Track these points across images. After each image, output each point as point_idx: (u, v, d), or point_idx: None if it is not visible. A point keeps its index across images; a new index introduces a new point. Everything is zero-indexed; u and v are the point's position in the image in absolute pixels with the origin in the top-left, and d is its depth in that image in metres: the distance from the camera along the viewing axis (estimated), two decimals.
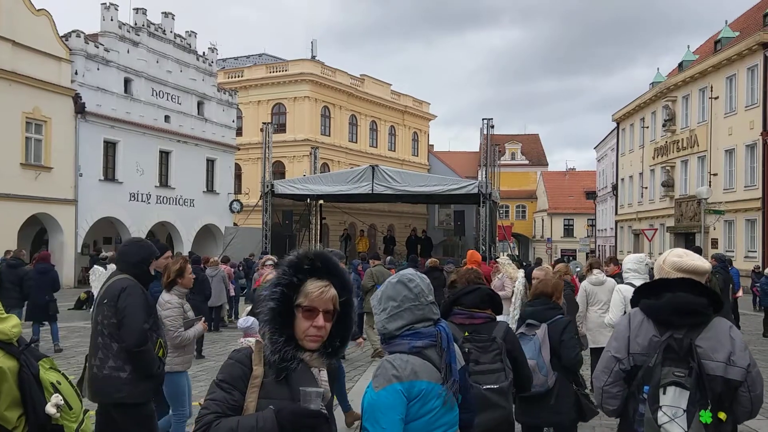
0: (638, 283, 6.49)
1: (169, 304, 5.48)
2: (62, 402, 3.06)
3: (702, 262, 3.02)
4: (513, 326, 12.54)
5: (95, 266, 15.46)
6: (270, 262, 13.15)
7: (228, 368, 2.20)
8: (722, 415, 2.71)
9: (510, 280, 11.44)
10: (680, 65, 37.14)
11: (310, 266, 2.23)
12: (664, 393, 2.78)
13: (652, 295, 2.96)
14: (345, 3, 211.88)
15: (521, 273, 12.69)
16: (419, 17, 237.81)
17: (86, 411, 3.25)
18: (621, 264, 9.29)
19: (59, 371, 3.24)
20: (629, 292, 6.38)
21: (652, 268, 4.53)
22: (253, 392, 2.14)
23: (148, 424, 4.35)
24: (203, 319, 5.94)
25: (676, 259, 3.06)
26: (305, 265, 2.23)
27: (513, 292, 11.48)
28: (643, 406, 2.86)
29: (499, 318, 12.16)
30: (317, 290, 2.20)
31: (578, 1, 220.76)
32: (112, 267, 14.89)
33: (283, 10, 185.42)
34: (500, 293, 11.11)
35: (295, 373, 2.17)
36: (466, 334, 3.64)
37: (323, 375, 2.31)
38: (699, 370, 2.73)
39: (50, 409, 3.02)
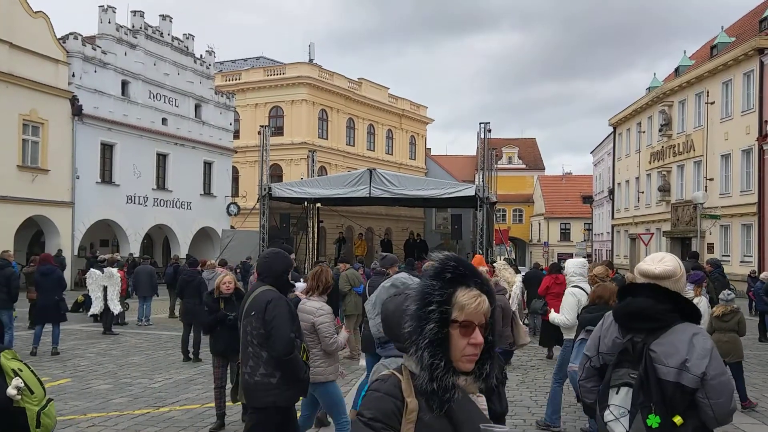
0: (584, 285, 7.17)
1: (322, 310, 5.42)
2: (23, 385, 3.25)
3: (653, 267, 2.96)
4: None
5: (92, 269, 15.47)
6: None
7: (376, 402, 1.82)
8: (677, 420, 2.71)
9: (507, 285, 11.49)
10: (677, 70, 37.24)
11: (452, 273, 1.86)
12: (617, 393, 2.83)
13: (622, 299, 3.02)
14: (345, 8, 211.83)
15: (519, 277, 12.75)
16: (419, 22, 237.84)
17: (50, 399, 3.43)
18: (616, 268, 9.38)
19: (21, 361, 3.49)
20: (582, 294, 6.95)
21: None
22: (408, 430, 1.79)
23: (292, 427, 4.66)
24: (344, 326, 6.04)
25: (641, 263, 3.10)
26: (448, 272, 1.86)
27: (510, 296, 11.54)
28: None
29: None
30: (473, 301, 1.84)
31: (578, 7, 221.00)
32: (109, 270, 14.89)
33: (284, 14, 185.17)
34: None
35: (455, 403, 1.82)
36: None
37: (482, 402, 1.98)
38: (645, 373, 2.75)
39: (11, 390, 3.21)
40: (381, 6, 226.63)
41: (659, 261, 3.00)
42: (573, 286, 7.20)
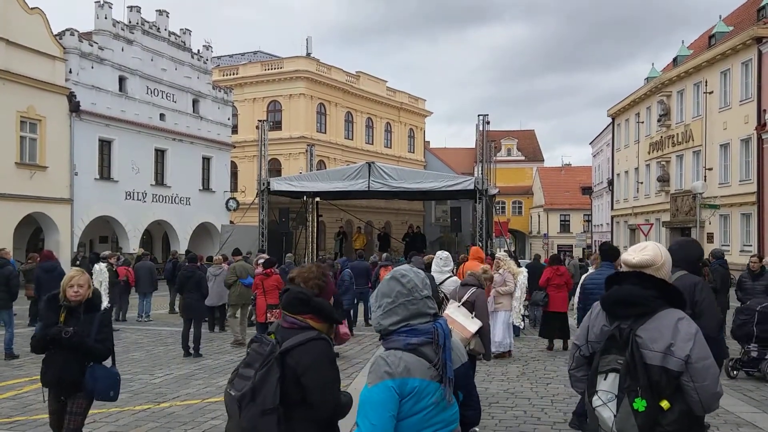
0: (436, 275, 8.39)
1: None
2: None
3: (633, 257, 3.07)
4: (517, 321, 12.57)
5: (96, 265, 15.45)
6: (262, 260, 13.16)
7: None
8: (665, 404, 2.78)
9: (511, 276, 11.47)
10: (675, 60, 37.15)
11: None
12: (605, 379, 2.91)
13: (609, 288, 3.12)
14: (350, 2, 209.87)
15: (524, 269, 12.78)
16: (423, 15, 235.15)
17: None
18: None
19: None
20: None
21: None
22: None
23: None
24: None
25: (624, 253, 3.20)
26: None
27: (516, 287, 11.54)
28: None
29: (501, 313, 12.30)
30: None
31: None
32: (98, 266, 14.84)
33: (288, 10, 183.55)
34: (502, 288, 11.17)
35: None
36: (272, 336, 2.96)
37: None
38: (632, 358, 2.82)
39: None
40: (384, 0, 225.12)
41: (640, 251, 3.10)
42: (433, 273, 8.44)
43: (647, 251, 3.07)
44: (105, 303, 14.79)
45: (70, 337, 4.75)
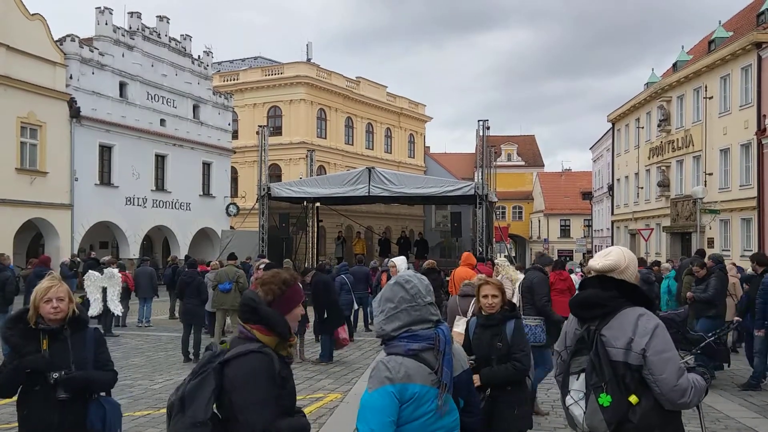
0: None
1: None
2: None
3: (596, 262, 3.19)
4: None
5: (90, 271, 15.46)
6: (263, 265, 13.12)
7: None
8: (633, 399, 2.90)
9: (510, 282, 11.42)
10: (674, 65, 37.19)
11: None
12: (577, 379, 3.04)
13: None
14: (357, 8, 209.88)
15: (521, 275, 12.70)
16: (429, 21, 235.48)
17: None
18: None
19: None
20: None
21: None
22: None
23: None
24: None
25: (591, 259, 3.35)
26: None
27: (513, 293, 11.48)
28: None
29: None
30: None
31: (588, 4, 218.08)
32: (109, 271, 14.87)
33: (294, 14, 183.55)
34: None
35: None
36: (225, 345, 2.83)
37: None
38: (596, 356, 2.96)
39: None
40: (392, 5, 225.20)
41: (604, 256, 3.21)
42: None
43: (610, 256, 3.18)
44: (119, 311, 14.85)
45: (67, 381, 3.49)
